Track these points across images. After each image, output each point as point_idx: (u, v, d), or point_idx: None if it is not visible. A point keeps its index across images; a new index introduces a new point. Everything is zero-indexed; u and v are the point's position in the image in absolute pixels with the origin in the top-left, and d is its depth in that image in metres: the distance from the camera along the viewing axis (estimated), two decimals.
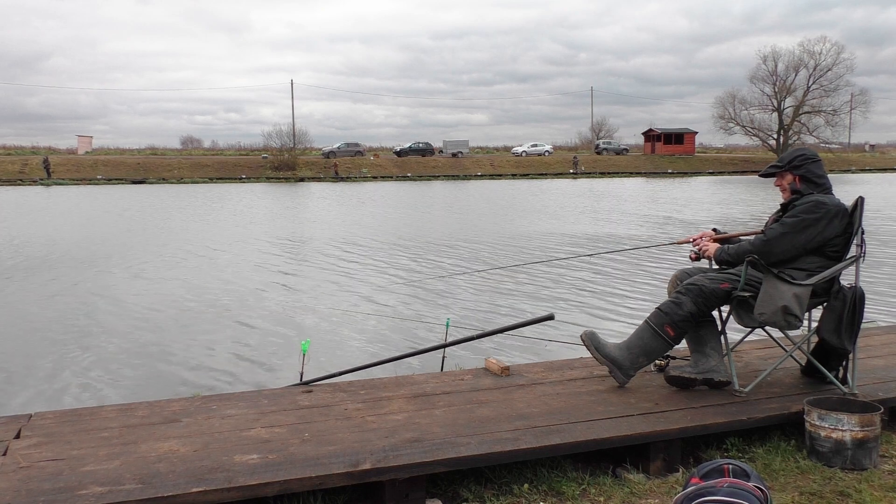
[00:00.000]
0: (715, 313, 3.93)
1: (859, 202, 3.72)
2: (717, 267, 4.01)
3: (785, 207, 3.83)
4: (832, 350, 3.82)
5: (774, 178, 3.92)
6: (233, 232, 19.41)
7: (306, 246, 16.31)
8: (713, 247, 3.92)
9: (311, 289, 10.91)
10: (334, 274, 12.27)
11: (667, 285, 4.18)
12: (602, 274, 11.81)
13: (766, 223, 3.96)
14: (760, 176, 4.12)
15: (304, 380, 4.36)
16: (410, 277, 11.76)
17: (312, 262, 13.73)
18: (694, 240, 4.09)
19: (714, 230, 4.19)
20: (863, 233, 3.73)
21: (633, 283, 10.98)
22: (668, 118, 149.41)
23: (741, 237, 4.10)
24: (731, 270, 3.91)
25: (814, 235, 3.67)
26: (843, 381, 3.87)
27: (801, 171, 3.79)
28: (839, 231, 3.69)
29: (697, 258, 4.08)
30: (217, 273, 12.44)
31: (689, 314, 3.73)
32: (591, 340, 3.88)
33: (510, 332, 5.09)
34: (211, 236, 18.34)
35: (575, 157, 65.10)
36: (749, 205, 28.25)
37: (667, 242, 4.35)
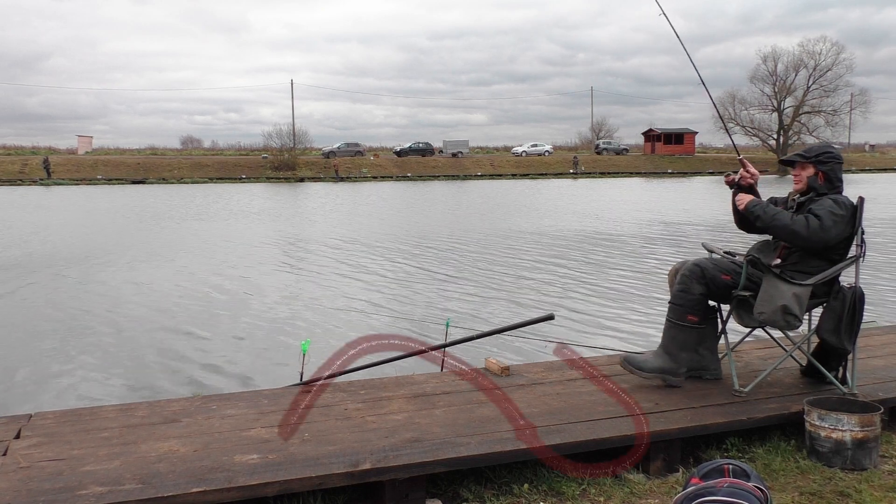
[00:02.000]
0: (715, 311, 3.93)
1: (860, 202, 3.72)
2: (717, 257, 4.01)
3: (800, 205, 3.80)
4: (832, 350, 3.83)
5: (794, 168, 3.86)
6: (232, 231, 19.41)
7: (306, 245, 16.30)
8: (747, 199, 3.81)
9: (311, 288, 10.91)
10: (334, 273, 12.27)
11: (666, 277, 4.19)
12: (602, 272, 11.81)
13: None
14: (781, 161, 3.96)
15: (304, 380, 4.36)
16: (410, 277, 11.76)
17: (312, 262, 13.73)
18: (746, 169, 3.94)
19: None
20: (863, 233, 3.73)
21: (633, 280, 10.99)
22: (666, 118, 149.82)
23: None
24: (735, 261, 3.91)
25: (837, 233, 3.65)
26: (843, 381, 3.87)
27: (826, 167, 3.75)
28: (849, 233, 3.69)
29: (731, 183, 3.97)
30: (217, 272, 12.43)
31: (700, 295, 3.78)
32: (631, 365, 3.86)
33: (510, 332, 5.09)
34: (210, 236, 18.33)
35: (575, 158, 65.09)
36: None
37: (737, 152, 4.30)
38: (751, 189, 3.93)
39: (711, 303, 3.90)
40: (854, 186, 40.08)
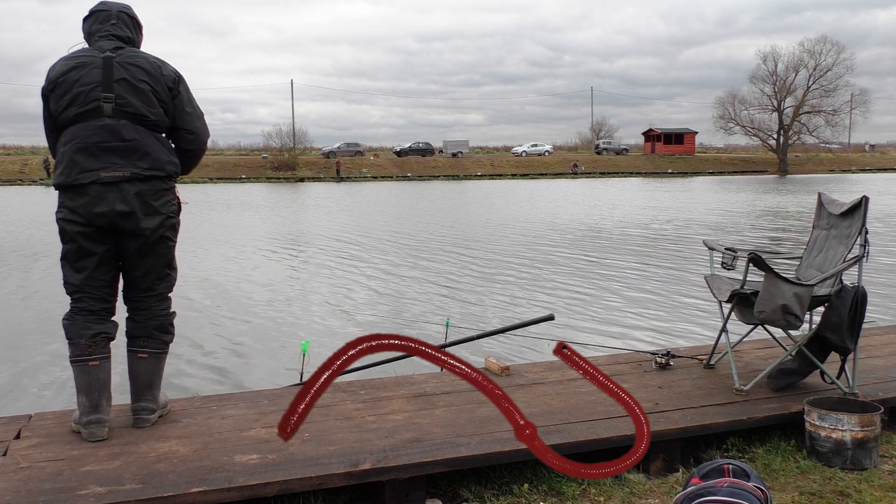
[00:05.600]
0: (716, 309, 3.93)
1: (864, 202, 3.72)
2: (718, 254, 4.01)
3: None
4: (832, 347, 3.82)
5: None
6: (231, 231, 19.41)
7: (306, 245, 16.31)
8: None
9: (310, 288, 10.91)
10: (334, 273, 12.27)
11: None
12: (602, 272, 11.81)
13: None
14: None
15: (303, 380, 4.35)
16: (411, 276, 11.76)
17: (312, 262, 13.73)
18: None
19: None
20: (866, 233, 3.72)
21: (633, 279, 10.99)
22: (661, 118, 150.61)
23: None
24: None
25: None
26: (838, 375, 3.85)
27: None
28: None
29: None
30: (216, 272, 12.43)
31: None
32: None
33: (510, 332, 5.09)
34: (209, 235, 18.34)
35: (574, 164, 64.85)
36: (723, 205, 28.27)
37: None
38: None
39: None
40: (854, 186, 40.07)
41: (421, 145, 67.96)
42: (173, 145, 3.36)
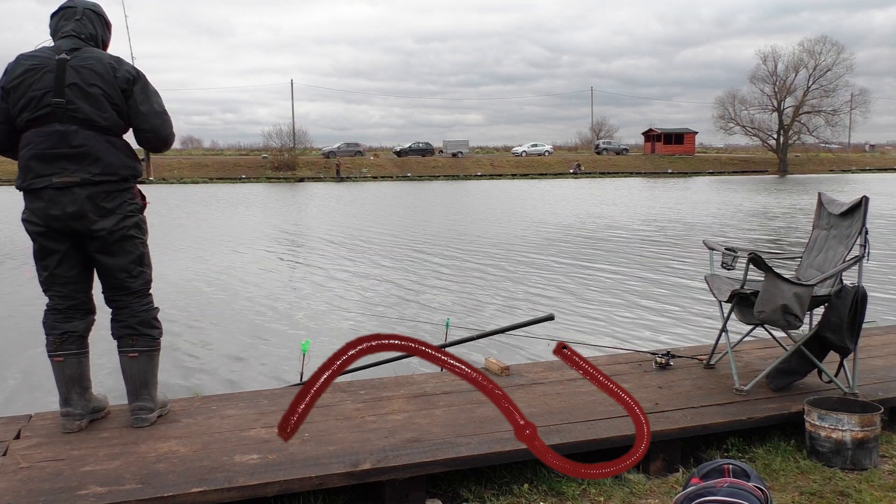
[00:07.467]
0: (717, 310, 3.93)
1: (864, 202, 3.72)
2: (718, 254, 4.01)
3: None
4: (832, 347, 3.82)
5: None
6: (231, 231, 19.40)
7: (306, 245, 16.31)
8: None
9: (310, 288, 10.91)
10: (334, 273, 12.27)
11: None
12: (602, 272, 11.81)
13: None
14: None
15: (303, 380, 4.35)
16: (411, 277, 11.76)
17: (312, 262, 13.73)
18: None
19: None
20: (866, 233, 3.72)
21: (633, 279, 10.99)
22: (660, 119, 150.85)
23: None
24: None
25: None
26: (836, 374, 3.85)
27: None
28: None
29: None
30: (215, 272, 12.43)
31: None
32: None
33: (510, 332, 5.09)
34: (209, 235, 18.33)
35: (577, 164, 64.83)
36: (713, 206, 28.26)
37: None
38: None
39: None
40: (854, 186, 40.07)
41: (421, 145, 67.93)
42: (135, 145, 3.34)
